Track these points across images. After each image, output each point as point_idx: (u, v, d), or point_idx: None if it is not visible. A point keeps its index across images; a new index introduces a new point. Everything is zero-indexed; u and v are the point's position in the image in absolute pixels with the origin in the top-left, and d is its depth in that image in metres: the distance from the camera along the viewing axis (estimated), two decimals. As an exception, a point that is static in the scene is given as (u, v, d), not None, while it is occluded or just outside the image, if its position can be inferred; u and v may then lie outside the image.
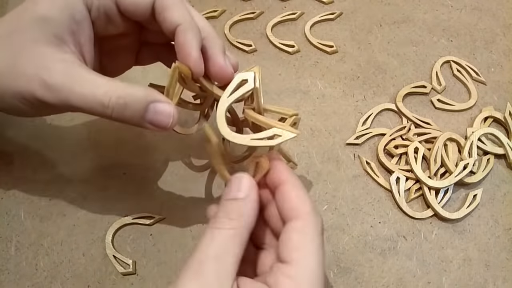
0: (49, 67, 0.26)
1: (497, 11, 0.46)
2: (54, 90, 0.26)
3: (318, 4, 0.47)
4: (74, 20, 0.27)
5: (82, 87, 0.26)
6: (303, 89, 0.41)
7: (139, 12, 0.28)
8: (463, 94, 0.41)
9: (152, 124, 0.26)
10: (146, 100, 0.26)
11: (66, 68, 0.26)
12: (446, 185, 0.35)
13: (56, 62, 0.26)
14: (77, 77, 0.26)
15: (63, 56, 0.27)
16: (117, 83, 0.26)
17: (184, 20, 0.27)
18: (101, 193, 0.35)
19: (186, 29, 0.27)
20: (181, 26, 0.27)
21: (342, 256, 0.33)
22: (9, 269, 0.33)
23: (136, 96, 0.26)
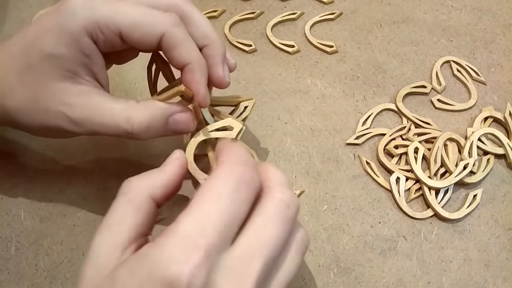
0: (69, 102, 0.27)
1: (497, 11, 0.46)
2: (78, 124, 0.27)
3: (318, 4, 0.47)
4: (83, 54, 0.27)
5: (103, 118, 0.27)
6: (303, 89, 0.41)
7: (144, 49, 0.29)
8: (463, 94, 0.41)
9: (176, 132, 0.29)
10: (164, 116, 0.28)
11: (85, 101, 0.27)
12: (446, 185, 0.35)
13: (74, 96, 0.27)
14: (95, 109, 0.27)
15: (79, 88, 0.28)
16: (135, 108, 0.27)
17: (191, 59, 0.28)
18: (101, 193, 0.35)
19: (194, 69, 0.28)
20: (190, 65, 0.28)
21: (342, 256, 0.33)
22: (9, 269, 0.32)
23: (155, 116, 0.27)
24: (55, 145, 0.37)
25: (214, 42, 0.30)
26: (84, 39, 0.27)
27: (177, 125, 0.28)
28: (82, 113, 0.27)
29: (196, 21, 0.29)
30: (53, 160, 0.37)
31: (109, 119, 0.27)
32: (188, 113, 0.29)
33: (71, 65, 0.27)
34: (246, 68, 0.42)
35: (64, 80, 0.27)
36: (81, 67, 0.28)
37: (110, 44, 0.28)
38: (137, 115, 0.27)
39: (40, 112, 0.28)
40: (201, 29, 0.29)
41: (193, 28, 0.29)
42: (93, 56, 0.28)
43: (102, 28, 0.27)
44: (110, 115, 0.27)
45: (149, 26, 0.27)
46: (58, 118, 0.27)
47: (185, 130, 0.29)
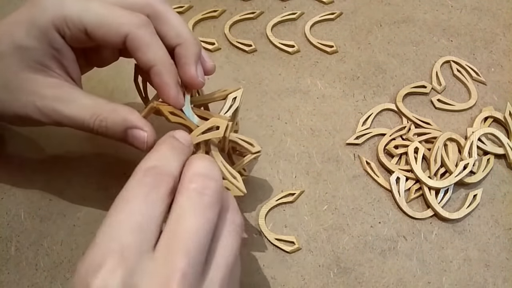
0: (39, 93, 0.28)
1: (497, 11, 0.46)
2: (46, 114, 0.28)
3: (318, 4, 0.47)
4: (53, 48, 0.28)
5: (71, 110, 0.28)
6: (303, 89, 0.41)
7: (111, 47, 0.29)
8: (463, 94, 0.41)
9: (132, 145, 0.29)
10: (124, 125, 0.28)
11: (55, 92, 0.28)
12: (446, 185, 0.35)
13: (45, 88, 0.28)
14: (65, 101, 0.28)
15: (50, 80, 0.28)
16: (102, 106, 0.28)
17: (158, 61, 0.28)
18: (101, 193, 0.35)
19: (161, 72, 0.28)
20: (155, 68, 0.28)
21: (342, 256, 0.33)
22: (9, 269, 0.32)
23: (115, 121, 0.28)
24: (55, 145, 0.37)
25: (187, 41, 0.29)
26: (52, 33, 0.28)
27: (132, 139, 0.28)
28: (51, 104, 0.28)
29: (170, 20, 0.29)
30: (53, 160, 0.37)
31: (76, 113, 0.28)
32: (145, 133, 0.28)
33: (41, 58, 0.28)
34: (246, 68, 0.42)
35: (34, 71, 0.28)
36: (51, 60, 0.28)
37: (77, 40, 0.28)
38: (102, 115, 0.28)
39: (10, 100, 0.28)
40: (174, 28, 0.29)
41: (166, 27, 0.29)
42: (62, 50, 0.28)
43: (68, 23, 0.27)
44: (78, 109, 0.28)
45: (113, 25, 0.27)
46: (28, 107, 0.28)
47: (139, 147, 0.28)
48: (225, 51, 0.43)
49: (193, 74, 0.29)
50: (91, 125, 0.28)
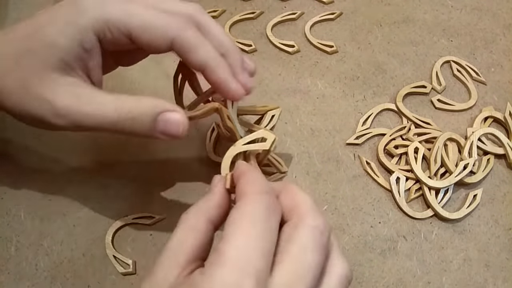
0: (56, 92, 0.27)
1: (497, 11, 0.46)
2: (62, 115, 0.27)
3: (318, 4, 0.47)
4: (83, 48, 0.27)
5: (91, 107, 0.26)
6: (303, 89, 0.41)
7: (154, 51, 0.28)
8: (463, 94, 0.41)
9: (163, 134, 0.27)
10: (154, 111, 0.26)
11: (73, 90, 0.27)
12: (446, 185, 0.35)
13: (63, 86, 0.27)
14: (84, 97, 0.27)
15: (69, 80, 0.27)
16: (125, 99, 0.27)
17: (209, 60, 0.27)
18: (101, 193, 0.35)
19: (215, 69, 0.28)
20: (209, 67, 0.28)
21: (342, 256, 0.33)
22: (9, 269, 0.32)
23: (143, 110, 0.26)
24: (55, 145, 0.37)
25: (231, 50, 0.29)
26: (88, 35, 0.27)
27: (165, 125, 0.26)
28: (69, 101, 0.26)
29: (212, 30, 0.29)
30: (53, 160, 0.37)
31: (97, 108, 0.26)
32: (179, 114, 0.27)
33: (68, 57, 0.27)
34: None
35: (57, 70, 0.27)
36: (76, 61, 0.28)
37: (117, 44, 0.28)
38: (126, 105, 0.26)
39: (27, 98, 0.27)
40: (217, 38, 0.29)
41: (209, 37, 0.29)
42: (92, 53, 0.28)
43: (111, 27, 0.27)
44: (98, 104, 0.26)
45: (159, 29, 0.27)
46: (43, 107, 0.27)
47: (173, 133, 0.27)
48: (225, 51, 0.43)
49: (244, 82, 0.29)
50: (115, 119, 0.26)
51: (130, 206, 0.35)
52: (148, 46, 0.28)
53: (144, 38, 0.27)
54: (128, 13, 0.27)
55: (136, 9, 0.27)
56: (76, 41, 0.27)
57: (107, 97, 0.27)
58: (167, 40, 0.27)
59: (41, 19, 0.28)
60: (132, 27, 0.27)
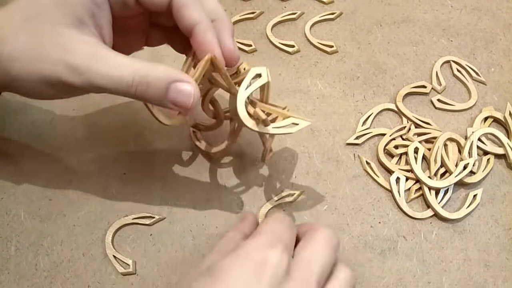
0: (73, 49, 0.26)
1: (497, 11, 0.46)
2: (79, 72, 0.26)
3: (318, 4, 0.47)
4: (94, 3, 0.27)
5: (108, 67, 0.26)
6: (303, 89, 0.41)
7: (155, 5, 0.29)
8: (463, 94, 0.41)
9: (174, 103, 0.27)
10: (168, 79, 0.26)
11: (90, 49, 0.26)
12: (446, 185, 0.35)
13: (80, 43, 0.27)
14: (101, 58, 0.26)
15: (85, 38, 0.27)
16: (141, 63, 0.27)
17: (202, 20, 0.28)
18: (101, 193, 0.35)
19: (205, 29, 0.28)
20: (200, 25, 0.28)
21: (342, 256, 0.33)
22: (9, 269, 0.33)
23: (158, 75, 0.26)
24: (55, 145, 0.37)
25: (223, 17, 0.30)
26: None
27: (177, 94, 0.27)
28: (86, 61, 0.26)
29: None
30: (53, 160, 0.37)
31: (115, 70, 0.26)
32: (191, 86, 0.27)
33: (80, 13, 0.27)
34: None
35: (71, 27, 0.27)
36: (89, 17, 0.27)
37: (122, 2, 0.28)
38: (142, 69, 0.26)
39: (39, 59, 0.26)
40: (209, 3, 0.30)
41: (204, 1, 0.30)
42: (102, 7, 0.28)
43: None
44: (116, 65, 0.26)
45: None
46: (58, 65, 0.26)
47: (184, 104, 0.27)
48: (225, 51, 0.43)
49: (232, 47, 0.30)
50: (130, 83, 0.26)
51: (130, 206, 0.35)
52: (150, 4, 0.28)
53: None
54: None
55: None
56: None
57: (124, 60, 0.27)
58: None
59: None
60: None
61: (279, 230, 0.27)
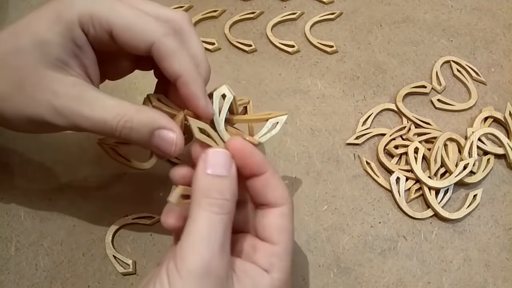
0: (57, 91, 0.26)
1: (497, 11, 0.46)
2: (64, 115, 0.26)
3: (318, 4, 0.47)
4: (76, 44, 0.27)
5: (92, 111, 0.26)
6: (303, 89, 0.41)
7: (134, 51, 0.28)
8: (463, 94, 0.41)
9: (157, 148, 0.27)
10: (151, 126, 0.26)
11: (74, 91, 0.26)
12: (446, 185, 0.35)
13: (63, 85, 0.26)
14: (86, 101, 0.26)
15: (70, 79, 0.27)
16: (126, 106, 0.27)
17: (185, 72, 0.27)
18: (101, 193, 0.35)
19: (188, 82, 0.27)
20: (182, 78, 0.27)
21: (342, 256, 0.33)
22: (9, 269, 0.33)
23: (142, 121, 0.26)
24: (55, 145, 0.37)
25: (201, 65, 0.29)
26: (77, 30, 0.27)
27: (160, 142, 0.27)
28: (70, 104, 0.26)
29: (191, 40, 0.29)
30: (53, 160, 0.37)
31: (99, 113, 0.26)
32: (174, 134, 0.27)
33: (62, 54, 0.27)
34: (246, 68, 0.42)
35: (54, 68, 0.26)
36: (72, 58, 0.27)
37: (100, 41, 0.27)
38: (127, 115, 0.26)
39: (23, 100, 0.26)
40: (193, 49, 0.29)
41: (187, 45, 0.28)
42: (85, 49, 0.27)
43: (94, 22, 0.27)
44: (100, 110, 0.26)
45: (140, 30, 0.27)
46: (43, 107, 0.26)
47: (166, 151, 0.27)
48: (225, 51, 0.43)
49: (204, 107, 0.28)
50: (114, 126, 0.26)
51: (130, 206, 0.35)
52: (128, 46, 0.27)
53: (125, 37, 0.27)
54: (112, 9, 0.27)
55: (121, 7, 0.27)
56: (66, 36, 0.26)
57: (109, 102, 0.27)
58: (147, 43, 0.27)
59: (28, 18, 0.27)
60: (114, 23, 0.26)
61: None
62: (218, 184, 0.24)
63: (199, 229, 0.23)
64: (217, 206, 0.24)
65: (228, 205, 0.24)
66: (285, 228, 0.26)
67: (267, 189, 0.26)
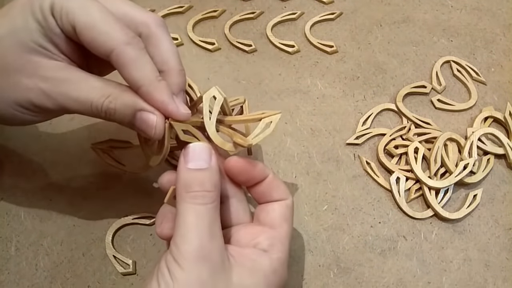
0: (44, 75, 0.27)
1: (497, 11, 0.46)
2: (51, 97, 0.27)
3: (318, 4, 0.47)
4: (53, 32, 0.27)
5: (79, 92, 0.26)
6: (303, 89, 0.41)
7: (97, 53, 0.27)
8: (463, 94, 0.41)
9: (139, 130, 0.27)
10: (133, 107, 0.27)
11: (61, 75, 0.27)
12: (446, 185, 0.35)
13: (50, 70, 0.27)
14: (72, 82, 0.27)
15: (54, 63, 0.27)
16: (111, 87, 0.27)
17: (145, 82, 0.26)
18: (101, 193, 0.35)
19: (149, 92, 0.26)
20: (143, 88, 0.26)
21: (342, 256, 0.33)
22: (9, 269, 0.33)
23: (125, 102, 0.27)
24: (55, 145, 0.37)
25: (172, 71, 0.28)
26: (51, 18, 0.27)
27: (141, 123, 0.27)
28: (57, 86, 0.26)
29: (161, 44, 0.28)
30: (53, 160, 0.37)
31: (84, 94, 0.26)
32: (154, 117, 0.27)
33: (42, 41, 0.27)
34: (246, 68, 0.42)
35: (35, 54, 0.27)
36: (51, 44, 0.27)
37: (69, 34, 0.27)
38: (111, 95, 0.26)
39: (10, 86, 0.27)
40: (162, 54, 0.28)
41: (155, 51, 0.28)
42: (62, 37, 0.27)
43: (62, 13, 0.26)
44: (86, 90, 0.26)
45: (102, 34, 0.26)
46: (30, 90, 0.27)
47: (147, 132, 0.27)
48: (225, 51, 0.43)
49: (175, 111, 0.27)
50: (99, 107, 0.26)
51: (130, 206, 0.35)
52: (90, 47, 0.27)
53: (87, 37, 0.26)
54: (81, 5, 0.26)
55: (91, 5, 0.26)
56: (42, 23, 0.26)
57: (95, 83, 0.27)
58: (106, 48, 0.26)
59: (6, 7, 0.27)
60: (77, 20, 0.26)
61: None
62: (198, 177, 0.25)
63: (186, 221, 0.24)
64: (200, 197, 0.25)
65: (211, 195, 0.25)
66: (287, 216, 0.28)
67: (272, 190, 0.28)
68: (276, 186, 0.28)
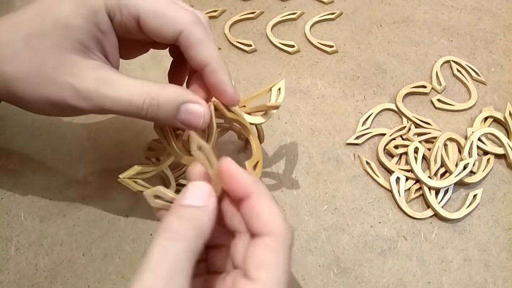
0: (80, 74, 0.26)
1: (497, 11, 0.46)
2: (88, 98, 0.26)
3: (318, 4, 0.47)
4: (99, 29, 0.27)
5: (117, 91, 0.26)
6: (303, 89, 0.41)
7: (161, 40, 0.28)
8: (463, 94, 0.41)
9: (184, 123, 0.27)
10: (177, 101, 0.26)
11: (98, 74, 0.26)
12: (446, 185, 0.35)
13: (86, 68, 0.26)
14: (109, 82, 0.26)
15: (91, 62, 0.27)
16: (150, 85, 0.27)
17: (212, 60, 0.27)
18: (101, 193, 0.35)
19: (216, 70, 0.27)
20: (210, 66, 0.27)
21: (342, 256, 0.33)
22: (9, 269, 0.33)
23: (169, 97, 0.26)
24: (55, 145, 0.37)
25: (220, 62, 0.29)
26: (102, 15, 0.26)
27: (187, 115, 0.27)
28: (93, 86, 0.26)
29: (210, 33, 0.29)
30: (53, 160, 0.37)
31: (124, 93, 0.26)
32: (201, 107, 0.27)
33: (85, 38, 0.26)
34: (246, 68, 0.42)
35: (75, 52, 0.26)
36: (94, 43, 0.27)
37: (125, 28, 0.27)
38: (152, 92, 0.26)
39: (44, 82, 0.26)
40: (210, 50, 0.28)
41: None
42: (108, 34, 0.27)
43: (121, 8, 0.26)
44: (124, 89, 0.26)
45: (169, 19, 0.27)
46: (64, 89, 0.26)
47: (194, 124, 0.27)
48: (225, 51, 0.43)
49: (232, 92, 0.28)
50: (140, 105, 0.26)
51: (130, 206, 0.35)
52: (155, 34, 0.27)
53: (153, 25, 0.27)
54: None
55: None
56: (90, 20, 0.26)
57: (132, 82, 0.26)
58: (175, 31, 0.27)
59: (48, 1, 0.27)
60: (142, 10, 0.26)
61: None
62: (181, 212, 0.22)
63: (148, 255, 0.21)
64: (172, 232, 0.22)
65: (186, 233, 0.21)
66: (266, 262, 0.21)
67: (252, 216, 0.22)
68: (258, 212, 0.22)
